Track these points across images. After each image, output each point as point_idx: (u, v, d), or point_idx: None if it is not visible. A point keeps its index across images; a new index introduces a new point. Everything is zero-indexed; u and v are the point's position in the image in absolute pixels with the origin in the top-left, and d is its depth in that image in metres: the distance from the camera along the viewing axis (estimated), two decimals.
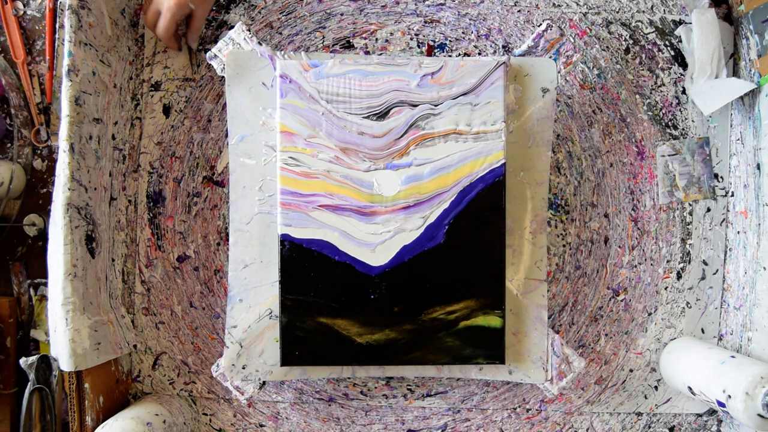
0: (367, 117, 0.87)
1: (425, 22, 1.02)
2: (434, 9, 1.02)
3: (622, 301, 1.02)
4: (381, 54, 1.02)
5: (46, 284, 0.99)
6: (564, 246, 1.02)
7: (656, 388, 1.02)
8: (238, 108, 0.91)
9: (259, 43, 0.90)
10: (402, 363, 0.88)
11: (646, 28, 1.02)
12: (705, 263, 1.02)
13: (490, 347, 0.88)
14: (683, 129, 1.02)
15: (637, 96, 1.02)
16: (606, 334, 1.02)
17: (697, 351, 0.94)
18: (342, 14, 1.02)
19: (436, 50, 1.02)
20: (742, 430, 0.96)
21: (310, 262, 0.86)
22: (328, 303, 0.86)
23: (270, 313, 0.90)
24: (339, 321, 0.87)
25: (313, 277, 0.86)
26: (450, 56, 1.02)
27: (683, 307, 1.02)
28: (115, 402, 0.97)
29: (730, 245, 1.01)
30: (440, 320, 0.87)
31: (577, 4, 1.02)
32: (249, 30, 0.91)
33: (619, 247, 1.02)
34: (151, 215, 1.02)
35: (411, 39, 1.02)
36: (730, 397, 0.81)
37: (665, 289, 1.02)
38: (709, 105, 0.97)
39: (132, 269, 1.02)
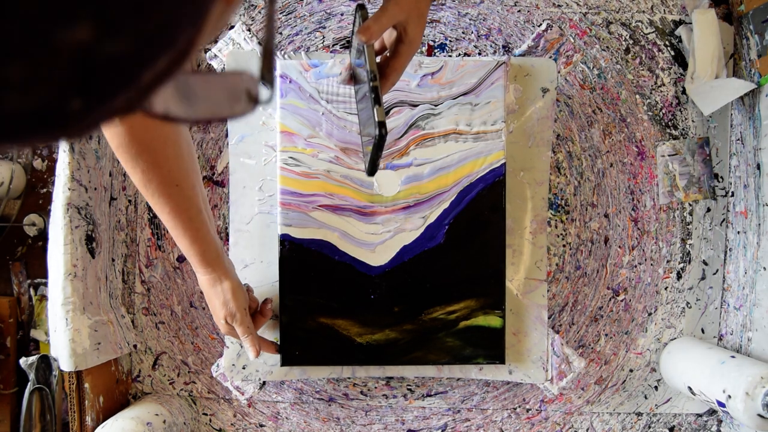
0: None
1: (426, 22, 1.02)
2: (434, 9, 1.02)
3: (622, 301, 1.02)
4: None
5: (46, 284, 0.99)
6: (564, 246, 1.02)
7: (656, 388, 1.02)
8: None
9: (259, 43, 0.90)
10: (402, 363, 0.88)
11: (646, 28, 1.02)
12: (705, 263, 1.02)
13: (491, 347, 0.88)
14: (683, 129, 1.02)
15: (637, 96, 1.02)
16: (606, 334, 1.02)
17: (697, 351, 0.94)
18: (342, 14, 1.02)
19: (436, 50, 1.02)
20: (742, 430, 0.96)
21: (310, 262, 0.86)
22: (328, 303, 0.86)
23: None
24: (339, 321, 0.87)
25: (313, 277, 0.86)
26: (450, 56, 1.02)
27: (683, 307, 1.02)
28: (115, 402, 0.96)
29: (730, 245, 1.01)
30: (440, 320, 0.87)
31: (577, 4, 1.02)
32: (249, 30, 0.91)
33: (619, 247, 1.02)
34: (151, 215, 1.02)
35: None
36: (730, 397, 0.81)
37: (665, 289, 1.02)
38: (709, 105, 0.97)
39: (132, 269, 1.02)
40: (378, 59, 0.67)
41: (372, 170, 0.63)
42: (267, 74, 0.26)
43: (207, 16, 0.21)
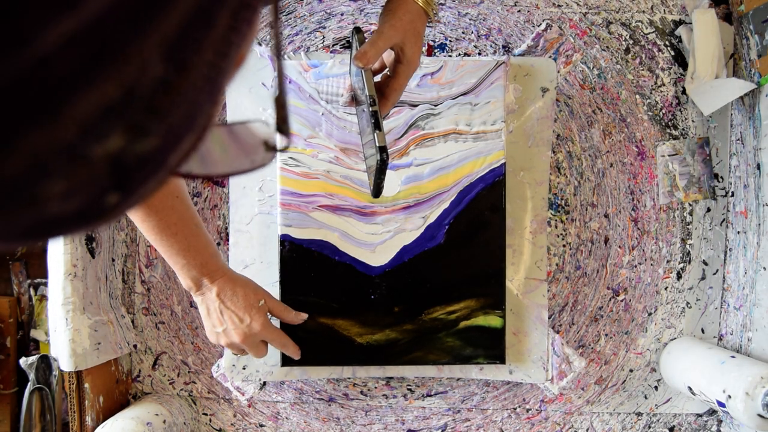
0: None
1: (428, 24, 1.02)
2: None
3: (622, 301, 1.02)
4: None
5: (46, 284, 0.99)
6: (564, 246, 1.02)
7: (656, 388, 1.02)
8: (238, 108, 0.91)
9: (259, 44, 0.90)
10: (402, 363, 0.88)
11: (646, 28, 1.02)
12: (705, 263, 1.02)
13: (491, 347, 0.88)
14: (683, 129, 1.02)
15: (637, 96, 1.02)
16: (606, 334, 1.02)
17: (697, 351, 0.94)
18: (342, 14, 1.02)
19: (436, 50, 1.02)
20: (742, 430, 0.96)
21: (310, 262, 0.86)
22: (329, 303, 0.86)
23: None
24: (339, 321, 0.87)
25: (313, 277, 0.86)
26: (450, 56, 1.02)
27: (683, 307, 1.02)
28: (115, 402, 0.97)
29: (730, 245, 1.01)
30: (440, 320, 0.87)
31: (577, 4, 1.02)
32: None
33: (619, 247, 1.02)
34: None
35: None
36: (730, 397, 0.81)
37: (665, 289, 1.02)
38: (709, 105, 0.97)
39: (132, 269, 1.02)
40: (379, 78, 0.67)
41: (377, 193, 0.64)
42: (283, 125, 0.26)
43: (224, 89, 0.21)
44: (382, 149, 0.59)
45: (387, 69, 0.68)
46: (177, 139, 0.20)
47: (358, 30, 0.66)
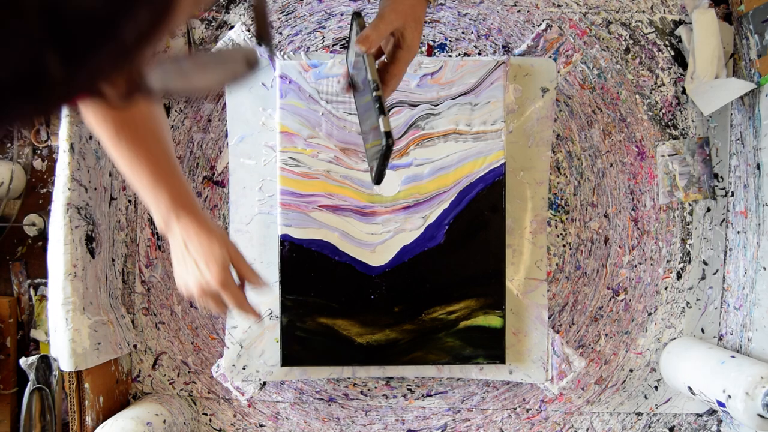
0: None
1: (425, 22, 1.02)
2: (434, 9, 1.02)
3: (622, 301, 1.02)
4: None
5: (46, 284, 0.99)
6: (564, 246, 1.02)
7: (656, 388, 1.02)
8: (238, 108, 0.91)
9: (259, 44, 0.90)
10: (402, 363, 0.88)
11: (646, 28, 1.02)
12: (705, 263, 1.02)
13: (491, 347, 0.88)
14: (683, 129, 1.02)
15: (637, 96, 1.02)
16: (606, 334, 1.02)
17: (697, 351, 0.94)
18: (342, 14, 1.02)
19: (436, 50, 1.02)
20: (742, 430, 0.96)
21: (310, 262, 0.86)
22: (329, 303, 0.86)
23: (270, 313, 0.90)
24: (339, 321, 0.87)
25: (313, 277, 0.86)
26: (450, 56, 1.02)
27: (683, 307, 1.02)
28: (115, 402, 0.97)
29: (730, 245, 1.01)
30: (440, 320, 0.87)
31: (577, 4, 1.02)
32: (249, 30, 0.91)
33: (619, 247, 1.02)
34: (151, 215, 1.02)
35: None
36: (730, 397, 0.81)
37: (665, 289, 1.02)
38: (709, 105, 0.97)
39: (132, 269, 1.02)
40: (377, 64, 0.67)
41: (379, 180, 0.63)
42: (263, 33, 0.25)
43: None
44: (388, 134, 0.58)
45: (384, 56, 0.68)
46: (124, 3, 0.17)
47: (357, 15, 0.65)
